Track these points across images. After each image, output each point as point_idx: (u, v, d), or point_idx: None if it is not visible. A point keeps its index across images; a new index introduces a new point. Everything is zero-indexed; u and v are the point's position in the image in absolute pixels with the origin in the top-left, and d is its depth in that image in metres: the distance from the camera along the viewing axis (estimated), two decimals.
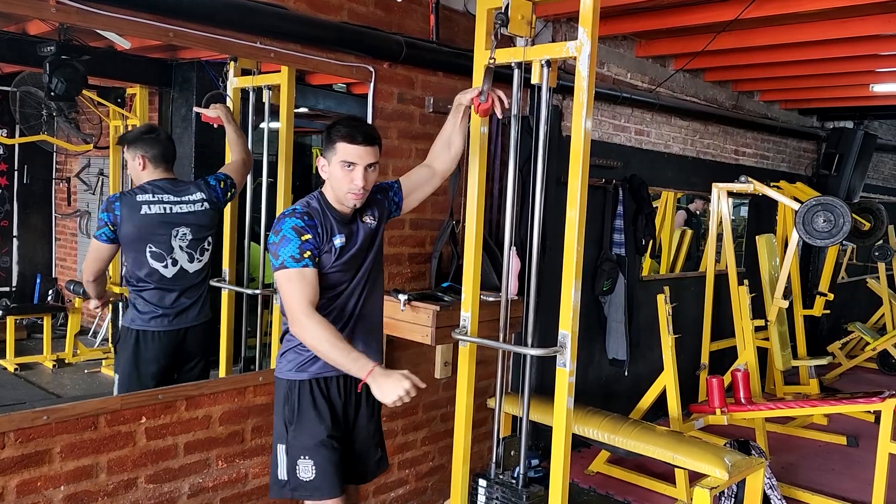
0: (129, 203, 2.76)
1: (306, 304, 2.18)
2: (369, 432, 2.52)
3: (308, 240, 2.23)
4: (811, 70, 5.05)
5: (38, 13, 2.27)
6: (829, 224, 4.75)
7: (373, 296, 2.47)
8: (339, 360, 2.16)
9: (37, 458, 2.36)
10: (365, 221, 2.42)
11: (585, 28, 2.36)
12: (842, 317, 7.47)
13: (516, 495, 2.69)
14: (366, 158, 2.26)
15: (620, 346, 4.62)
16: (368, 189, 2.33)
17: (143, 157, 2.82)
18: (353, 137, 2.24)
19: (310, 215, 2.27)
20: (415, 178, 2.60)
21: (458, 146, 2.60)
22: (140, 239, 2.77)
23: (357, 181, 2.27)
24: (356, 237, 2.38)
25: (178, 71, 3.66)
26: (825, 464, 4.81)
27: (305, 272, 2.20)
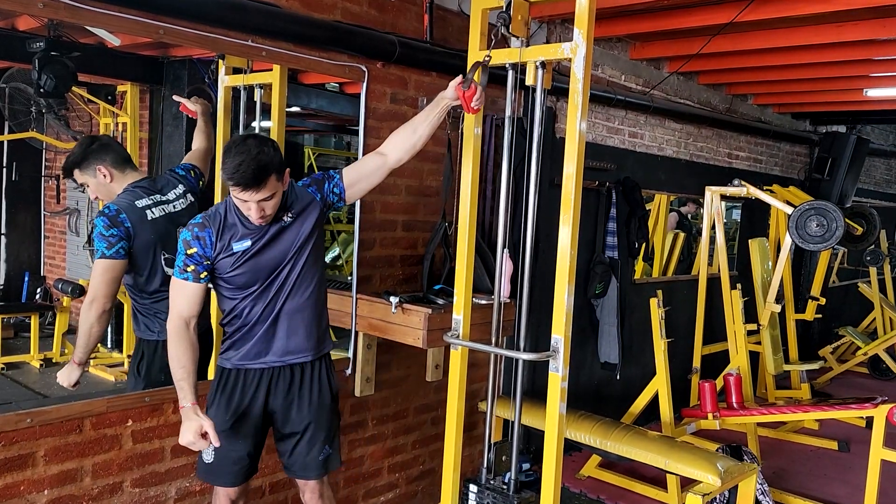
0: (133, 212, 2.66)
1: (175, 314, 2.30)
2: (310, 427, 2.49)
3: (192, 254, 2.30)
4: (805, 74, 5.05)
5: (26, 9, 2.23)
6: (823, 228, 4.75)
7: (302, 291, 2.43)
8: (174, 378, 2.28)
9: (20, 462, 2.32)
10: (282, 220, 2.38)
11: (581, 29, 2.34)
12: (833, 321, 7.48)
13: (507, 501, 2.66)
14: (255, 198, 2.20)
15: (612, 350, 4.60)
16: (271, 213, 2.29)
17: (105, 168, 2.70)
18: (236, 182, 2.16)
19: (203, 225, 2.31)
20: (362, 167, 2.55)
21: (420, 138, 2.54)
22: (154, 247, 2.70)
23: (253, 216, 2.26)
24: (269, 238, 2.35)
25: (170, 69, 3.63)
26: (816, 469, 4.80)
27: (184, 286, 2.31)
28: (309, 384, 2.50)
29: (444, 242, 3.49)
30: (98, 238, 2.57)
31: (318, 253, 2.49)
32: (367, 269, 3.31)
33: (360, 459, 3.46)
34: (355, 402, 3.36)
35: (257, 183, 2.16)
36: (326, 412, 2.54)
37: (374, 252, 3.35)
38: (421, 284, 3.47)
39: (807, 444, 5.24)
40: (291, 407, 2.48)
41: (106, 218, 2.58)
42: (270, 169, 2.18)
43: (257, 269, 2.36)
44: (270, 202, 2.25)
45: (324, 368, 2.54)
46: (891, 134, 8.86)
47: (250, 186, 2.16)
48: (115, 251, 2.58)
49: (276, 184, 2.23)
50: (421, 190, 3.52)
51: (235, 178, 2.14)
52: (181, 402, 2.25)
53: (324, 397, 2.52)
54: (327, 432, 2.54)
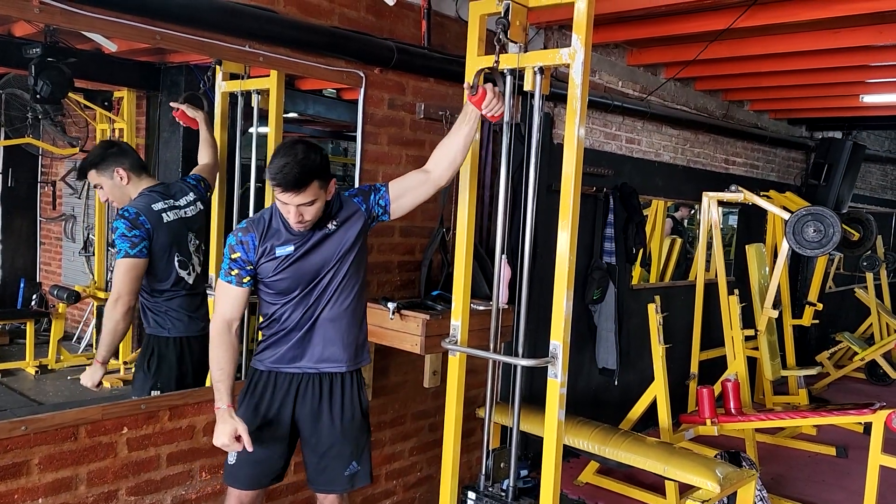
0: (151, 214, 2.71)
1: (218, 316, 2.34)
2: (337, 440, 2.47)
3: (237, 258, 2.33)
4: (801, 80, 5.06)
5: (21, 13, 2.22)
6: (819, 234, 4.75)
7: (342, 300, 2.44)
8: (212, 379, 2.32)
9: (14, 470, 2.29)
10: (327, 228, 2.39)
11: (579, 35, 2.34)
12: (830, 326, 7.49)
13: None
14: (295, 201, 2.21)
15: (610, 356, 4.59)
16: (311, 219, 2.30)
17: (123, 170, 2.75)
18: (279, 184, 2.18)
19: (247, 230, 2.35)
20: (407, 181, 2.53)
21: (454, 149, 2.48)
22: (170, 248, 2.75)
23: (292, 218, 2.27)
24: (312, 244, 2.36)
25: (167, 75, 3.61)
26: (815, 475, 4.79)
27: (228, 289, 2.34)
28: (340, 396, 2.47)
29: (441, 248, 3.48)
30: (121, 239, 2.63)
31: (360, 263, 2.49)
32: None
33: None
34: None
35: (298, 186, 2.18)
36: (356, 427, 2.51)
37: (372, 257, 3.33)
38: (419, 290, 3.46)
39: (805, 449, 5.23)
40: (320, 417, 2.45)
41: (127, 220, 2.64)
42: (314, 175, 2.20)
43: (299, 275, 2.36)
44: (311, 208, 2.25)
45: (355, 382, 2.52)
46: (887, 140, 8.89)
47: (291, 188, 2.18)
48: (139, 250, 2.64)
49: (319, 191, 2.24)
50: None
51: (278, 178, 2.16)
52: (217, 404, 2.27)
53: (354, 411, 2.50)
54: (355, 447, 2.51)
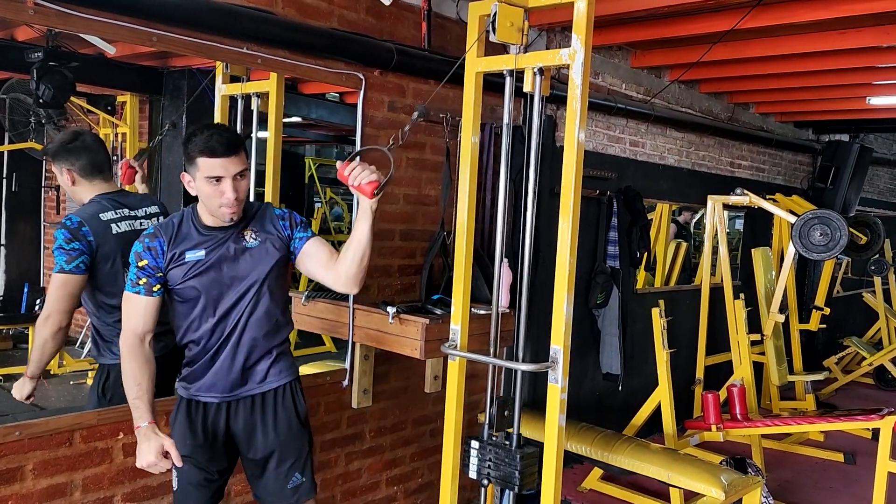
0: (96, 224, 2.50)
1: (129, 330, 2.19)
2: (275, 452, 2.37)
3: (144, 266, 2.19)
4: (807, 82, 5.02)
5: (16, 15, 2.21)
6: (826, 237, 4.70)
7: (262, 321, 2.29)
8: (128, 397, 2.15)
9: (8, 476, 2.28)
10: (244, 237, 2.26)
11: (579, 35, 2.31)
12: (837, 331, 7.42)
13: (510, 456, 2.57)
14: (231, 169, 2.11)
15: (614, 361, 4.55)
16: (242, 198, 2.18)
17: (68, 172, 2.55)
18: (212, 150, 2.08)
19: (155, 235, 2.22)
20: (322, 252, 2.35)
21: (348, 259, 2.28)
22: (115, 261, 2.54)
23: (228, 194, 2.13)
24: (226, 253, 2.23)
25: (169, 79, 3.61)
26: (822, 481, 4.74)
27: (137, 300, 2.20)
28: (273, 409, 2.36)
29: (442, 252, 3.46)
30: (58, 251, 2.42)
31: (280, 282, 2.36)
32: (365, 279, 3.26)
33: (358, 472, 3.40)
34: (353, 414, 3.31)
35: (234, 149, 2.11)
36: (294, 437, 2.39)
37: (372, 261, 3.26)
38: (419, 294, 3.43)
39: (812, 456, 5.18)
40: (255, 432, 2.35)
41: (67, 231, 2.43)
42: (240, 141, 2.14)
43: (209, 284, 2.22)
44: (243, 182, 2.16)
45: (288, 393, 2.40)
46: (894, 143, 8.81)
47: (227, 152, 2.09)
48: (75, 265, 2.43)
49: (246, 161, 2.17)
50: (419, 199, 3.49)
51: (211, 144, 2.07)
52: (137, 423, 2.09)
53: (291, 421, 2.38)
54: (296, 459, 2.39)
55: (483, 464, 2.65)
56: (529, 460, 2.57)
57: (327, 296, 3.34)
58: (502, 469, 2.59)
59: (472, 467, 2.67)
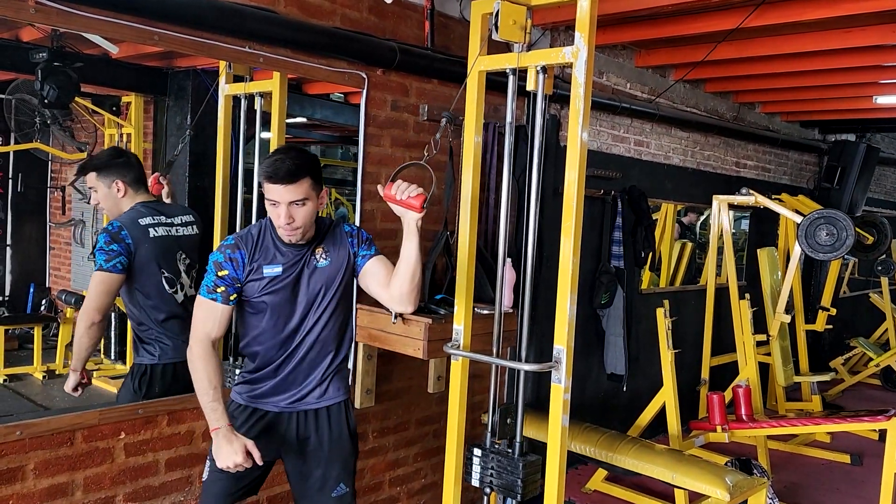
0: (135, 228, 2.65)
1: (202, 335, 2.23)
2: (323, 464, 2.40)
3: (224, 276, 2.23)
4: (813, 81, 4.99)
5: (16, 14, 2.20)
6: (832, 237, 4.68)
7: (326, 337, 2.35)
8: (201, 400, 2.20)
9: (9, 476, 2.27)
10: (316, 257, 2.31)
11: (582, 33, 2.29)
12: (844, 332, 7.38)
13: (513, 464, 2.57)
14: (287, 196, 2.13)
15: (619, 361, 4.53)
16: (301, 226, 2.19)
17: (122, 183, 2.71)
18: (270, 176, 2.11)
19: (236, 247, 2.25)
20: (384, 271, 2.36)
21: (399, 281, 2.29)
22: (155, 264, 2.69)
23: (281, 219, 2.16)
24: (300, 272, 2.29)
25: (174, 79, 3.60)
26: (829, 483, 4.71)
27: (213, 306, 2.24)
28: (328, 423, 2.40)
29: (445, 251, 3.44)
30: (98, 252, 2.58)
31: (347, 300, 2.44)
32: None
33: (361, 473, 3.39)
34: (355, 414, 3.28)
35: (290, 177, 2.11)
36: (344, 449, 2.44)
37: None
38: (422, 294, 3.42)
39: (818, 457, 5.15)
40: (307, 443, 2.39)
41: (108, 234, 2.59)
42: (306, 170, 2.14)
43: (284, 301, 2.28)
44: (302, 209, 2.16)
45: (343, 410, 2.44)
46: None
47: (283, 180, 2.10)
48: (113, 265, 2.56)
49: (310, 191, 2.16)
50: None
51: (269, 170, 2.11)
52: (216, 424, 2.16)
53: (342, 433, 2.43)
54: (342, 470, 2.43)
55: (486, 472, 2.65)
56: (532, 468, 2.57)
57: None
58: (504, 477, 2.59)
59: (474, 475, 2.68)
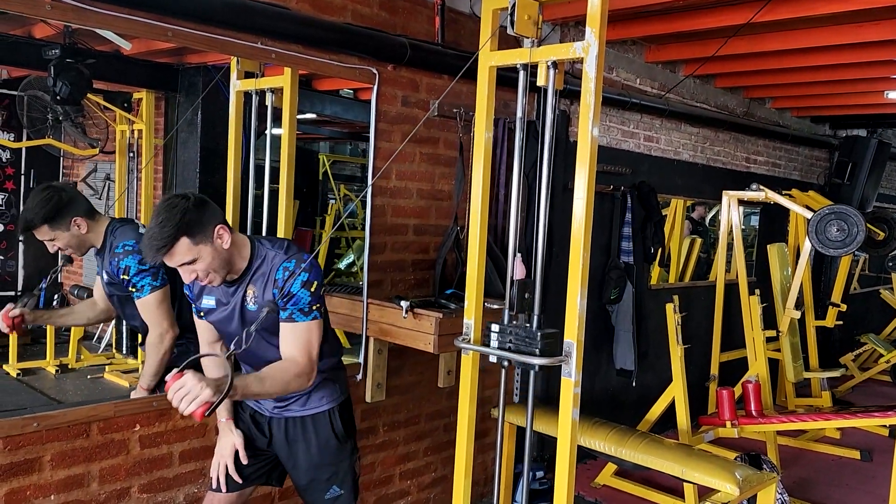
0: None
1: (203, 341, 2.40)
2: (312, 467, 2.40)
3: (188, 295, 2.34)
4: (824, 76, 4.98)
5: (33, 10, 2.23)
6: (843, 233, 4.66)
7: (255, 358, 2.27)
8: None
9: (26, 467, 2.30)
10: (247, 299, 2.20)
11: (593, 28, 2.30)
12: (854, 328, 7.35)
13: (531, 336, 2.46)
14: (171, 263, 2.05)
15: (628, 356, 4.54)
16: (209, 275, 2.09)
17: (80, 219, 2.54)
18: (146, 255, 2.03)
19: None
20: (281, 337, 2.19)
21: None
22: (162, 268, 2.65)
23: (184, 278, 2.11)
24: (231, 308, 2.22)
25: (185, 76, 3.63)
26: (838, 478, 4.70)
27: (197, 320, 2.37)
28: (313, 431, 2.40)
29: (455, 246, 3.46)
30: (139, 276, 2.51)
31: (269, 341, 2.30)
32: (378, 274, 3.28)
33: (372, 466, 3.42)
34: (366, 408, 3.33)
35: (160, 250, 1.98)
36: (331, 454, 2.41)
37: (385, 256, 3.32)
38: (432, 289, 3.44)
39: (828, 453, 5.14)
40: (295, 445, 2.40)
41: (136, 254, 2.49)
42: (178, 233, 1.98)
43: (226, 331, 2.27)
44: (196, 265, 2.05)
45: (326, 418, 2.41)
46: None
47: (155, 254, 1.99)
48: (161, 278, 2.55)
49: (195, 247, 2.02)
50: (433, 194, 3.49)
51: (143, 246, 2.02)
52: (218, 417, 2.36)
53: (329, 441, 2.41)
54: (333, 473, 2.42)
55: (503, 345, 2.53)
56: (551, 339, 2.46)
57: (341, 290, 3.36)
58: (523, 349, 2.47)
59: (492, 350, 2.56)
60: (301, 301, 2.13)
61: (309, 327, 2.14)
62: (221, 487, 2.39)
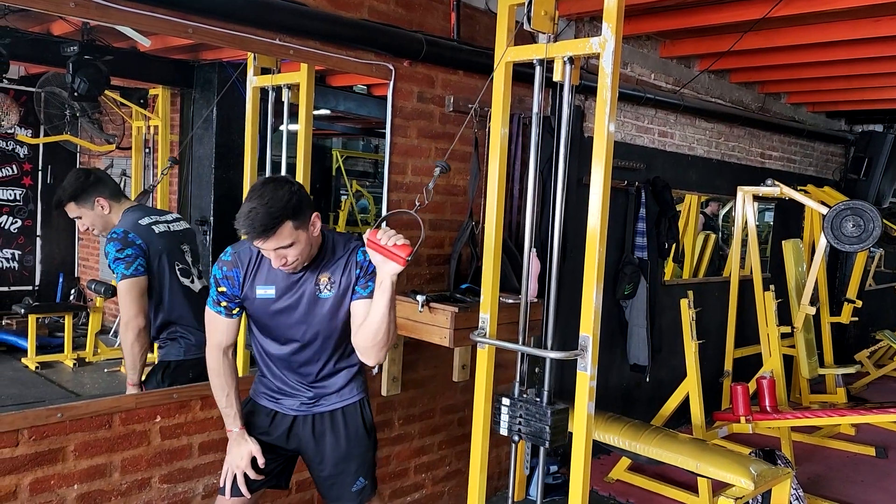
0: (139, 228, 2.64)
1: (213, 343, 2.28)
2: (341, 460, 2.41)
3: (223, 292, 2.23)
4: (840, 71, 4.94)
5: (58, 8, 2.26)
6: (859, 229, 4.64)
7: (328, 361, 2.33)
8: (218, 405, 2.32)
9: (50, 457, 2.35)
10: (319, 286, 2.21)
11: (609, 23, 2.31)
12: (870, 325, 7.30)
13: (541, 412, 2.54)
14: (270, 246, 2.04)
15: (642, 352, 4.54)
16: (297, 262, 2.12)
17: (104, 199, 2.66)
18: (247, 232, 2.02)
19: (233, 264, 2.22)
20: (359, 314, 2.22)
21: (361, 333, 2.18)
22: (167, 259, 2.70)
23: (273, 263, 2.12)
24: (297, 300, 2.22)
25: (200, 72, 3.66)
26: (853, 475, 4.69)
27: (219, 319, 2.26)
28: (343, 424, 2.41)
29: (471, 241, 3.47)
30: (115, 263, 2.55)
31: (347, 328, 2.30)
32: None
33: (387, 459, 3.45)
34: (382, 402, 3.35)
35: (267, 231, 1.99)
36: (361, 445, 2.44)
37: None
38: (448, 283, 3.45)
39: (843, 449, 5.12)
40: (322, 440, 2.41)
41: (117, 241, 2.56)
42: (284, 216, 2.00)
43: (278, 325, 2.26)
44: (291, 250, 2.07)
45: (357, 409, 2.44)
46: None
47: (259, 235, 2.00)
48: (135, 269, 2.57)
49: (295, 231, 2.04)
50: (448, 189, 3.51)
51: (245, 225, 1.99)
52: (229, 427, 2.29)
53: (358, 429, 2.43)
54: (360, 464, 2.44)
55: (514, 420, 2.60)
56: (560, 416, 2.53)
57: None
58: (533, 425, 2.54)
59: (502, 424, 2.63)
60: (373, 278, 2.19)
61: None
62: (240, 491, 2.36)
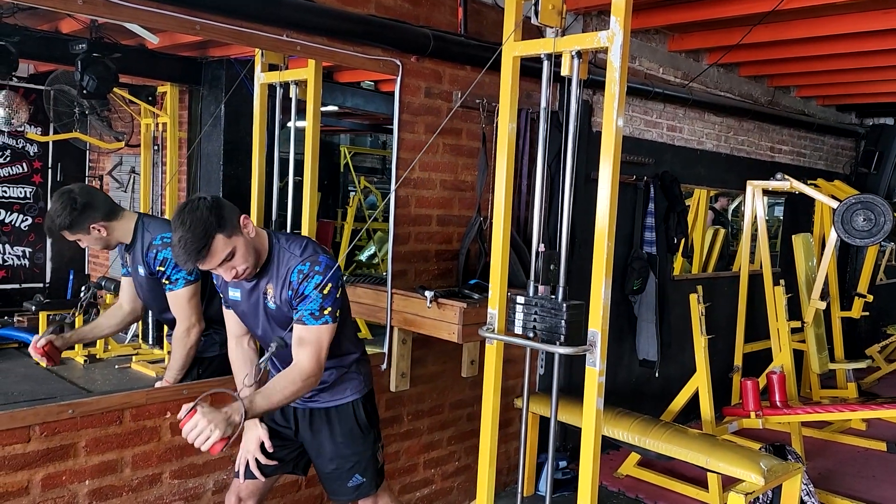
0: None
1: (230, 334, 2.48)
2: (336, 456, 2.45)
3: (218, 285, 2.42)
4: (850, 64, 4.91)
5: (65, 6, 2.26)
6: (870, 223, 4.61)
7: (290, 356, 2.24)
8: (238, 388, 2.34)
9: (62, 452, 2.36)
10: (267, 297, 2.26)
11: (618, 17, 2.29)
12: (881, 319, 7.26)
13: (556, 307, 2.46)
14: (213, 264, 2.08)
15: (651, 347, 4.53)
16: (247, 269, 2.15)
17: (99, 225, 2.54)
18: (184, 263, 2.06)
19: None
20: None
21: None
22: None
23: (227, 277, 2.18)
24: (255, 303, 2.30)
25: (208, 69, 3.67)
26: (864, 470, 4.66)
27: (226, 311, 2.45)
28: (337, 421, 2.46)
29: (479, 237, 3.47)
30: (176, 269, 2.56)
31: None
32: (402, 264, 3.30)
33: (396, 455, 3.45)
34: (391, 398, 3.35)
35: (201, 252, 2.04)
36: (355, 443, 2.47)
37: (409, 247, 3.34)
38: (456, 279, 3.45)
39: (854, 444, 5.10)
40: (319, 434, 2.45)
41: (159, 257, 2.58)
42: (211, 231, 2.03)
43: (252, 326, 2.38)
44: (234, 260, 2.11)
45: (350, 409, 2.47)
46: None
47: (198, 258, 2.05)
48: (195, 273, 2.60)
49: (228, 240, 2.08)
50: (456, 184, 3.51)
51: (181, 256, 2.03)
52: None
53: (352, 429, 2.46)
54: (356, 462, 2.47)
55: (528, 318, 2.54)
56: (576, 310, 2.46)
57: (366, 280, 3.38)
58: (548, 321, 2.48)
59: (517, 322, 2.57)
60: (313, 304, 2.15)
61: (319, 331, 2.16)
62: (254, 475, 2.44)
